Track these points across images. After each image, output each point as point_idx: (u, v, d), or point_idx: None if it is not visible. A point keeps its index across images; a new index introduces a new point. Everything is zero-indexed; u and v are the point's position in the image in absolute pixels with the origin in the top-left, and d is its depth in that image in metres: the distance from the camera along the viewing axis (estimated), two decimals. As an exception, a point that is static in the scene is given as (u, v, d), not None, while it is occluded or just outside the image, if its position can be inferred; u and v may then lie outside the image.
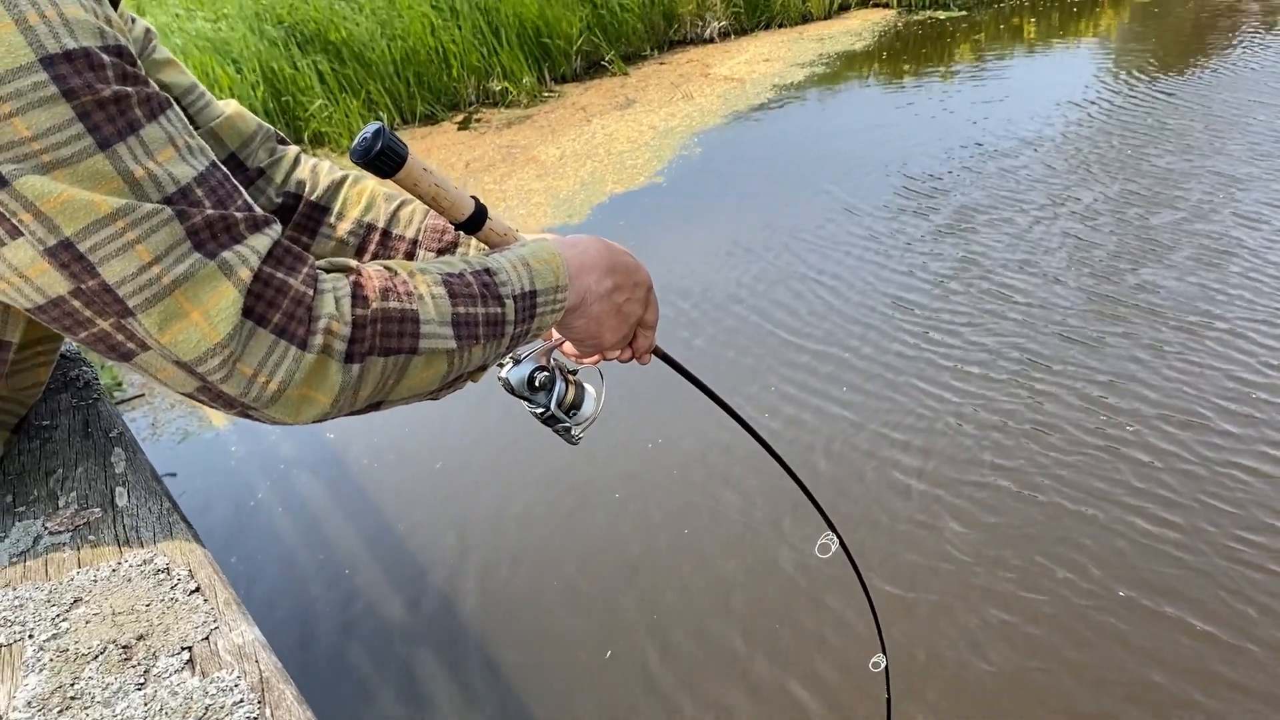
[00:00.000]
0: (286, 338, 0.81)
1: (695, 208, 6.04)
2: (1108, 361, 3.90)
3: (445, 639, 3.03)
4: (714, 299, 4.80)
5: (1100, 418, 3.59)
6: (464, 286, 0.94)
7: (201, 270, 0.78)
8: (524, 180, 6.77)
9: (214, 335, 0.79)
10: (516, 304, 0.98)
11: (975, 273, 4.75)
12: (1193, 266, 4.54)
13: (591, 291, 1.06)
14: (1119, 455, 3.39)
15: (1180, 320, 4.12)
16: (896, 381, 3.96)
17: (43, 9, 0.75)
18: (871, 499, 3.34)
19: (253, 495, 3.76)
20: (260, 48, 7.78)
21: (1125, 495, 3.22)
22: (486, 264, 0.98)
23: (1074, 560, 2.99)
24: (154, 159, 0.79)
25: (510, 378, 1.15)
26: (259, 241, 0.83)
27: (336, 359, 0.84)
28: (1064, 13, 10.11)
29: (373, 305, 0.86)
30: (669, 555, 3.22)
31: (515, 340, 1.01)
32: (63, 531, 0.97)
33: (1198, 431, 3.46)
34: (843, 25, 10.22)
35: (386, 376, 0.89)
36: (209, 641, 0.84)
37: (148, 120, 0.80)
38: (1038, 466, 3.38)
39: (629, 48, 9.59)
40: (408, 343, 0.89)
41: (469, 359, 0.96)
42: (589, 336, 1.10)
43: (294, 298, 0.82)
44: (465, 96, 8.65)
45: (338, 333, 0.84)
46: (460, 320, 0.93)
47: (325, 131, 7.81)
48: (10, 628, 0.85)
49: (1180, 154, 5.92)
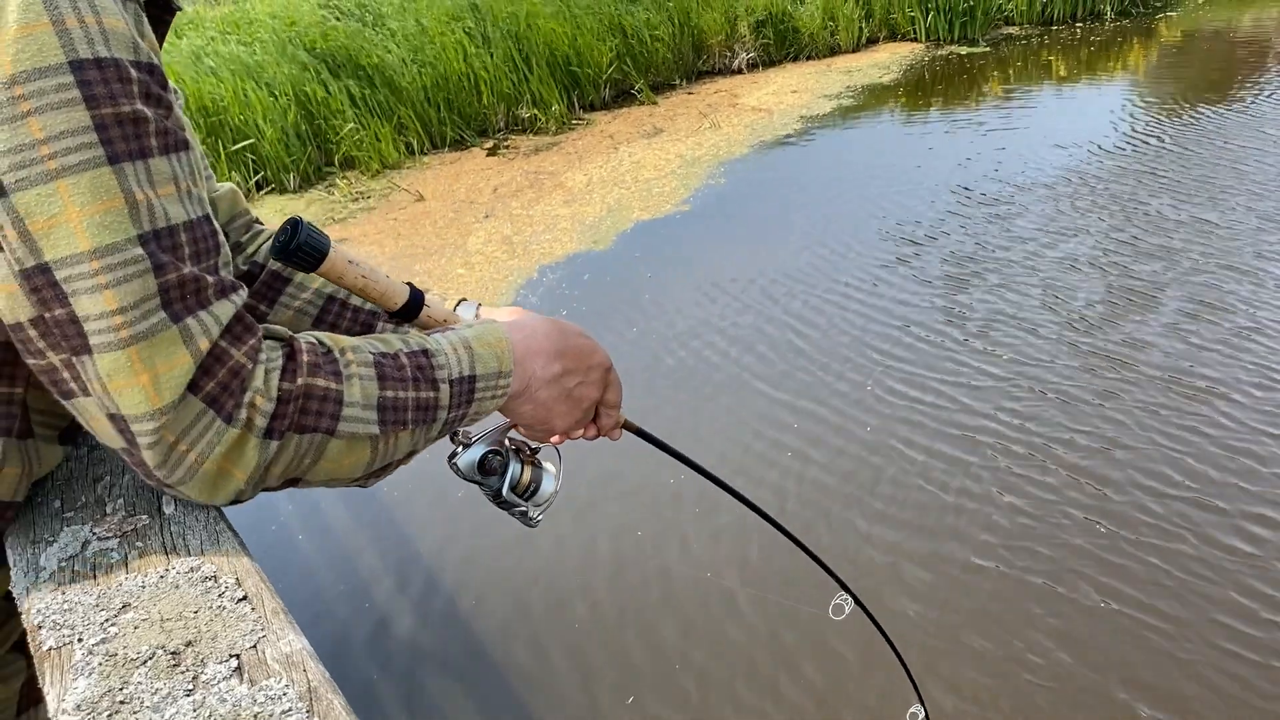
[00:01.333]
0: (215, 408, 0.79)
1: (721, 236, 6.05)
2: (1089, 422, 3.87)
3: (487, 662, 3.02)
4: (734, 333, 4.80)
5: (1086, 487, 3.54)
6: (396, 369, 0.90)
7: (163, 333, 0.77)
8: (551, 206, 6.81)
9: (157, 400, 0.77)
10: (453, 389, 0.94)
11: (999, 323, 4.73)
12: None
13: (537, 378, 1.02)
14: (1100, 527, 3.35)
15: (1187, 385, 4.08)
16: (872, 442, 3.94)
17: (83, 14, 0.74)
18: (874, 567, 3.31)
19: (275, 518, 3.77)
20: (292, 71, 7.89)
21: (1093, 570, 3.07)
22: (426, 344, 0.94)
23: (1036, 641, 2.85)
24: (155, 190, 0.78)
25: (460, 463, 1.09)
26: (223, 310, 0.81)
27: (256, 434, 0.81)
28: (1089, 49, 10.12)
29: (299, 380, 0.83)
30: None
31: (450, 425, 0.96)
32: (110, 537, 0.97)
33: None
34: (870, 58, 10.27)
35: (302, 455, 0.85)
36: (257, 649, 0.83)
37: (160, 153, 0.79)
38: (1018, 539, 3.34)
39: (658, 77, 9.67)
40: (326, 423, 0.85)
41: (395, 445, 0.92)
42: (537, 422, 1.06)
43: (231, 368, 0.80)
44: (494, 123, 8.73)
45: (260, 407, 0.81)
46: (387, 404, 0.89)
47: (355, 155, 7.89)
48: (59, 631, 0.85)
49: (1208, 202, 5.89)
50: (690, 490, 3.58)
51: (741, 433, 3.91)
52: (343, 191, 7.52)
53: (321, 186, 7.73)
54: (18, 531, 0.99)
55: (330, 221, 6.94)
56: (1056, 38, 10.59)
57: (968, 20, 10.62)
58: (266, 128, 7.52)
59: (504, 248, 6.13)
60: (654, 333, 4.83)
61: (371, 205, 7.23)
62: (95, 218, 0.75)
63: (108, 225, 0.75)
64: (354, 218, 7.00)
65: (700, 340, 4.68)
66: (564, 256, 5.90)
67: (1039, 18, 11.16)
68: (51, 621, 0.85)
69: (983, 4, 10.66)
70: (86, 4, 0.75)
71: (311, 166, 7.84)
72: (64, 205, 0.74)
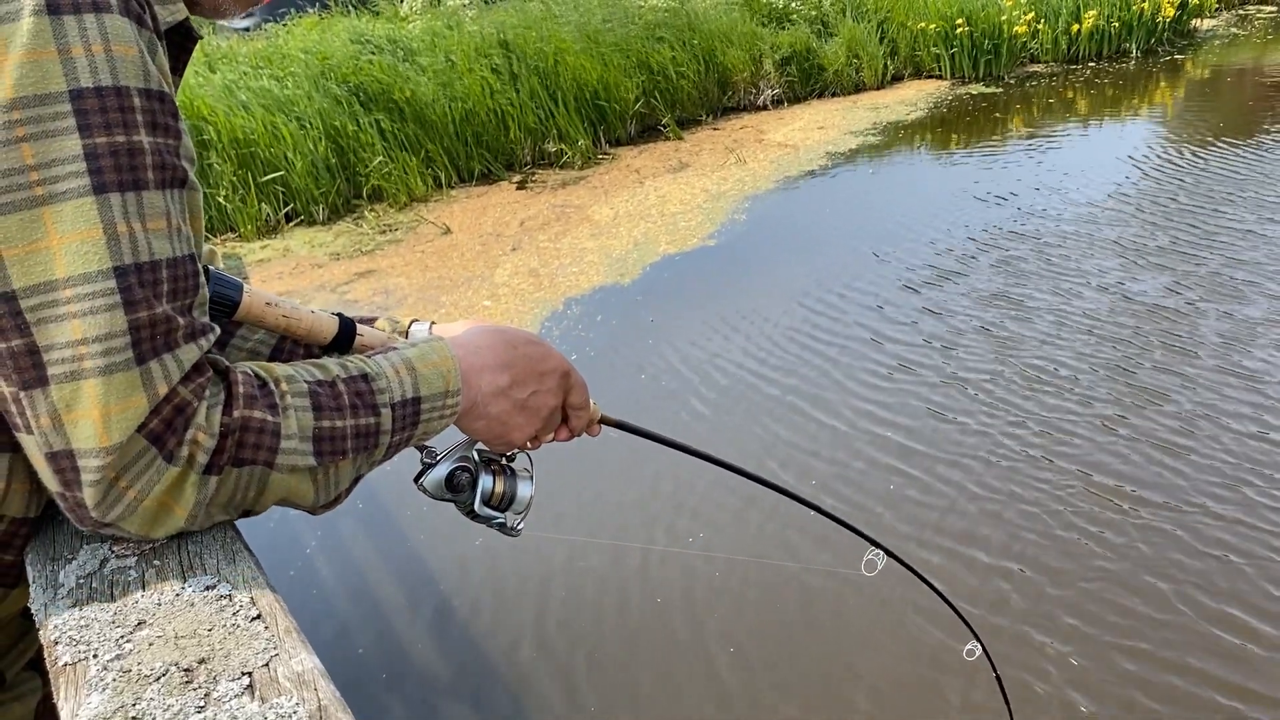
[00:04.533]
0: (158, 446, 0.78)
1: (747, 270, 6.06)
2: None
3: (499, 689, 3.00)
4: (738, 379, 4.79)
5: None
6: (333, 398, 0.88)
7: (124, 372, 0.75)
8: (578, 239, 6.85)
9: (105, 440, 0.75)
10: (394, 412, 0.92)
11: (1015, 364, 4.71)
12: None
13: (484, 393, 0.99)
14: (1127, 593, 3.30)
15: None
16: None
17: (90, 42, 0.74)
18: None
19: (294, 538, 3.78)
20: (324, 105, 8.01)
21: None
22: (366, 369, 0.92)
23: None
24: (143, 223, 0.77)
25: (426, 483, 1.06)
26: (188, 354, 0.80)
27: (196, 471, 0.80)
28: (1115, 87, 10.11)
29: (235, 414, 0.82)
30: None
31: (395, 448, 0.95)
32: (128, 555, 0.98)
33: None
34: (896, 95, 10.30)
35: (245, 488, 0.85)
36: (269, 668, 0.84)
37: (156, 187, 0.78)
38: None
39: (683, 113, 9.74)
40: (264, 455, 0.84)
41: (336, 476, 0.90)
42: (494, 436, 1.04)
43: (177, 405, 0.79)
44: (521, 157, 8.82)
45: (202, 444, 0.80)
46: (323, 435, 0.87)
47: (383, 186, 7.98)
48: (76, 646, 0.86)
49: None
50: (711, 477, 3.58)
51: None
52: (370, 224, 7.60)
53: (350, 218, 7.81)
54: (38, 549, 1.00)
55: (358, 253, 7.01)
56: (1080, 76, 10.59)
57: (992, 58, 10.64)
58: (296, 160, 7.62)
59: (530, 280, 6.17)
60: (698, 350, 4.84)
61: (399, 237, 7.30)
62: (73, 245, 0.74)
63: (84, 254, 0.74)
64: (381, 249, 7.06)
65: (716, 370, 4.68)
66: (590, 289, 5.93)
67: (1064, 56, 11.16)
68: (68, 638, 0.86)
69: (1008, 43, 10.68)
70: (97, 30, 0.75)
71: (340, 199, 7.93)
72: (45, 232, 0.73)
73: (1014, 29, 10.62)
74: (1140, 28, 11.14)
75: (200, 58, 8.94)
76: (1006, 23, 10.60)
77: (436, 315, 5.75)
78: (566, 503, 3.77)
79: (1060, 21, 10.97)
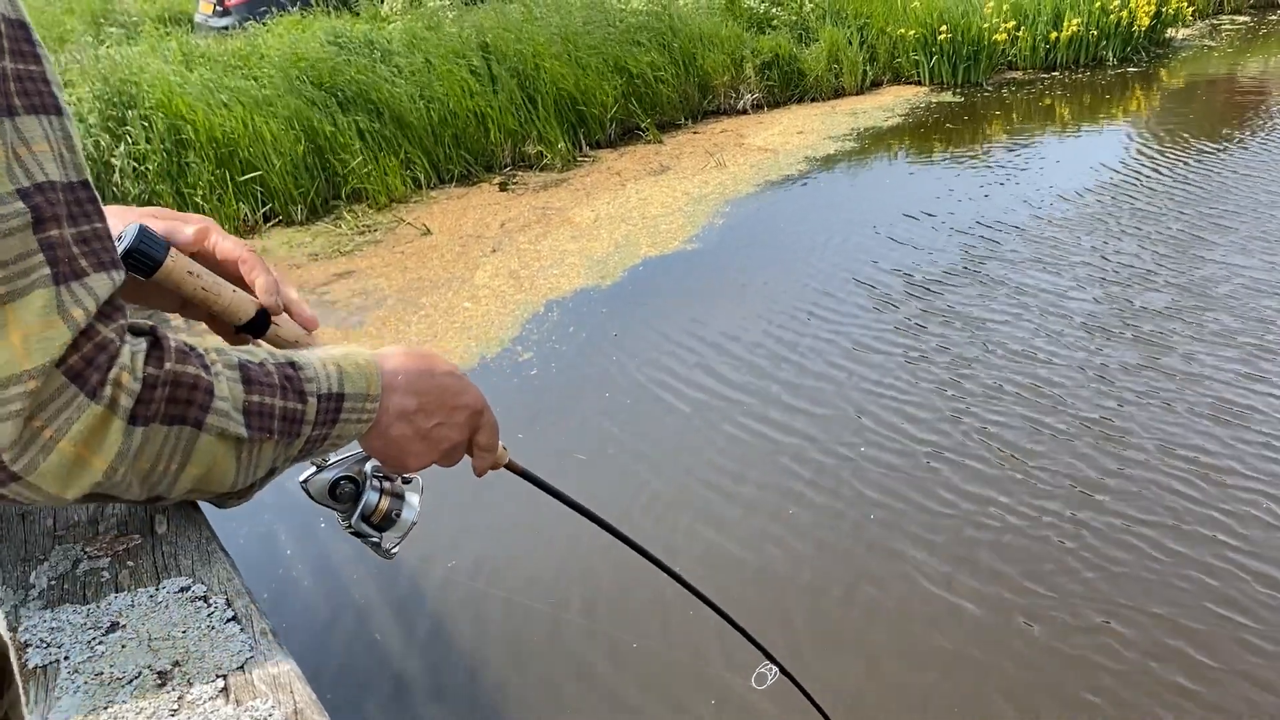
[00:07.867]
0: (78, 383, 0.72)
1: (728, 273, 6.07)
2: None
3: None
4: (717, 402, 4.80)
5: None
6: (263, 375, 0.85)
7: (41, 289, 0.70)
8: (559, 241, 6.84)
9: (25, 362, 0.70)
10: (320, 403, 0.89)
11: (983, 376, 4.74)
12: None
13: (389, 412, 0.96)
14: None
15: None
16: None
17: None
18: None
19: (274, 540, 3.75)
20: (299, 105, 7.96)
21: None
22: (293, 358, 0.90)
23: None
24: (27, 147, 0.72)
25: (311, 486, 1.05)
26: (99, 283, 0.75)
27: (121, 416, 0.75)
28: (1093, 94, 10.20)
29: (165, 365, 0.77)
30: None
31: (310, 445, 0.91)
32: (101, 556, 0.97)
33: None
34: (875, 100, 10.35)
35: (170, 454, 0.80)
36: (244, 670, 0.83)
37: (26, 112, 0.73)
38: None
39: (664, 116, 9.74)
40: (195, 413, 0.79)
41: (259, 457, 0.87)
42: (388, 458, 1.00)
43: (98, 343, 0.73)
44: (501, 159, 8.80)
45: (126, 386, 0.75)
46: (254, 409, 0.84)
47: (364, 187, 7.95)
48: (47, 649, 0.85)
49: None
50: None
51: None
52: (349, 224, 7.56)
53: (329, 219, 7.77)
54: (8, 549, 0.98)
55: (337, 254, 6.97)
56: (1058, 83, 10.67)
57: (971, 65, 10.70)
58: (275, 159, 7.57)
59: (511, 282, 6.15)
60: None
61: (378, 238, 7.27)
62: None
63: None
64: (360, 250, 7.03)
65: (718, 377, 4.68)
66: (571, 291, 5.92)
67: (1042, 63, 11.25)
68: (39, 640, 0.85)
69: (986, 49, 10.75)
70: None
71: (319, 199, 7.88)
72: None
73: (994, 36, 10.69)
74: (1116, 36, 11.24)
75: (178, 56, 8.88)
76: (987, 30, 10.67)
77: (416, 316, 5.74)
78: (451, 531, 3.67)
79: (1040, 29, 11.05)
